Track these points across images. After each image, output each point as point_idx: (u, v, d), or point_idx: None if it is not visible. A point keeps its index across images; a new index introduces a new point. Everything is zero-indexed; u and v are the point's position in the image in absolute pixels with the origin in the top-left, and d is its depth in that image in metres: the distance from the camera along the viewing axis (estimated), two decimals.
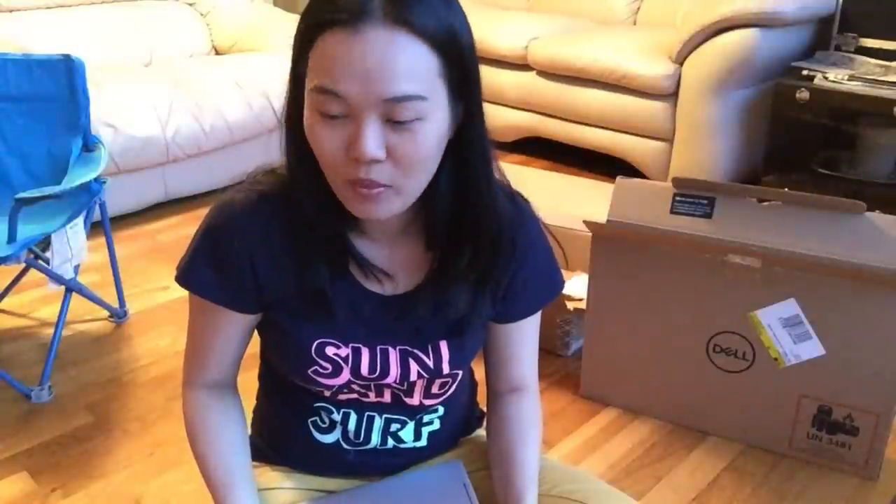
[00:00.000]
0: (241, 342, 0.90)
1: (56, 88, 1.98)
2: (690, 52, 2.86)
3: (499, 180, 0.85)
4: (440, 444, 0.97)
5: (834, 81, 2.73)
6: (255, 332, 0.91)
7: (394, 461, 0.95)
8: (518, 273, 0.89)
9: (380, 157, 0.71)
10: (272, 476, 0.95)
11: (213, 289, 0.85)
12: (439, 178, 0.78)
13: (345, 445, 0.91)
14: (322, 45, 0.70)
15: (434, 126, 0.73)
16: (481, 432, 1.04)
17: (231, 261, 0.83)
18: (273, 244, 0.83)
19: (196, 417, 0.90)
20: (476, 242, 0.83)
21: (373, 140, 0.70)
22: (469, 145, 0.79)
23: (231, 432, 0.90)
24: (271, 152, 0.88)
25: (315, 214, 0.80)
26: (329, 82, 0.69)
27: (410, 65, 0.69)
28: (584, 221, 1.69)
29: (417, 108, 0.70)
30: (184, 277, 0.86)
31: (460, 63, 0.74)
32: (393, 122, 0.70)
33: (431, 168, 0.76)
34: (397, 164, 0.72)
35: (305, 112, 0.74)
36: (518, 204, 0.90)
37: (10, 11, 3.07)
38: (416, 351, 0.86)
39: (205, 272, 0.84)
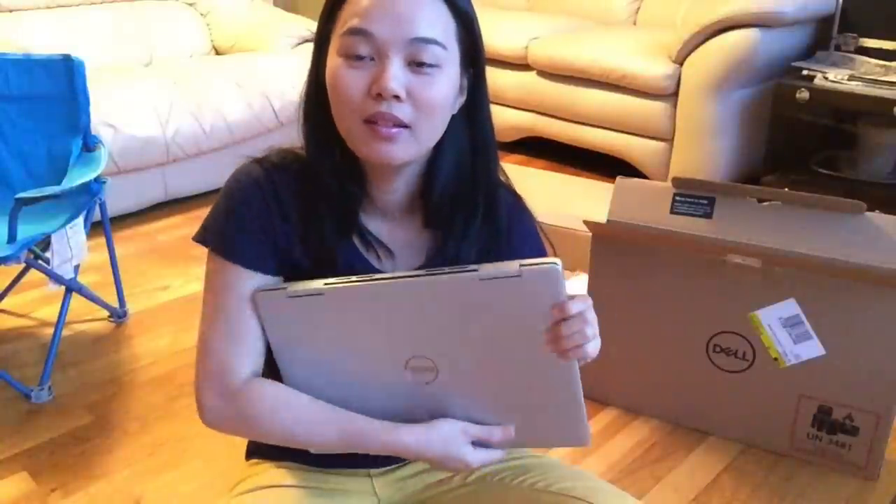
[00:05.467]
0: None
1: (56, 88, 1.98)
2: (690, 52, 2.86)
3: (502, 176, 0.92)
4: None
5: (834, 81, 2.73)
6: None
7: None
8: (511, 256, 0.91)
9: (401, 94, 0.78)
10: (274, 474, 0.95)
11: (249, 253, 0.84)
12: (447, 148, 0.86)
13: None
14: (354, 0, 0.79)
15: (448, 79, 0.81)
16: None
17: (257, 219, 0.85)
18: (285, 209, 0.86)
19: (274, 396, 0.85)
20: (475, 222, 0.88)
21: (396, 77, 0.78)
22: (477, 113, 0.87)
23: (309, 400, 0.87)
24: None
25: (328, 182, 0.85)
26: (362, 23, 0.78)
27: (435, 16, 0.79)
28: (584, 221, 1.69)
29: (437, 54, 0.79)
30: (223, 249, 0.84)
31: (472, 37, 0.84)
32: (414, 67, 0.79)
33: (442, 119, 0.83)
34: (416, 104, 0.79)
35: (330, 61, 0.81)
36: (517, 197, 0.96)
37: (10, 11, 3.07)
38: None
39: (238, 237, 0.84)
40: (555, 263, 0.75)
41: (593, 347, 0.81)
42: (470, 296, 0.77)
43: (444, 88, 0.80)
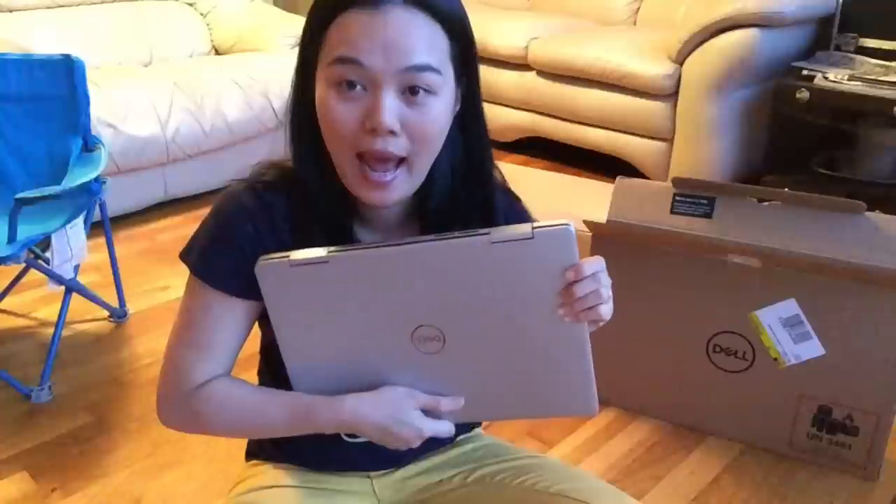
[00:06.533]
0: (245, 333, 0.89)
1: (56, 88, 1.98)
2: (690, 52, 2.86)
3: (497, 176, 0.90)
4: (438, 440, 0.97)
5: (834, 81, 2.73)
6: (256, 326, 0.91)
7: (392, 454, 0.95)
8: None
9: (396, 128, 0.75)
10: (272, 474, 0.95)
11: (231, 280, 0.83)
12: (442, 160, 0.83)
13: (346, 438, 0.91)
14: (342, 23, 0.75)
15: (444, 104, 0.78)
16: (480, 431, 1.05)
17: (244, 246, 0.83)
18: (279, 230, 0.84)
19: (220, 392, 0.86)
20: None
21: (390, 111, 0.75)
22: (472, 123, 0.85)
23: (259, 389, 0.89)
24: (271, 152, 0.90)
25: (320, 202, 0.83)
26: (352, 52, 0.74)
27: (427, 41, 0.75)
28: (584, 221, 1.69)
29: (432, 81, 0.76)
30: (204, 272, 0.84)
31: (466, 48, 0.80)
32: (408, 97, 0.76)
33: (438, 146, 0.81)
34: (411, 137, 0.77)
35: (319, 89, 0.78)
36: (513, 200, 0.95)
37: (10, 11, 3.08)
38: None
39: (221, 262, 0.84)
40: (567, 225, 0.74)
41: (607, 309, 0.80)
42: (481, 260, 0.76)
43: (440, 116, 0.78)
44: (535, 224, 0.74)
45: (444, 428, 0.85)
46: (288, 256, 0.79)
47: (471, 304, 0.78)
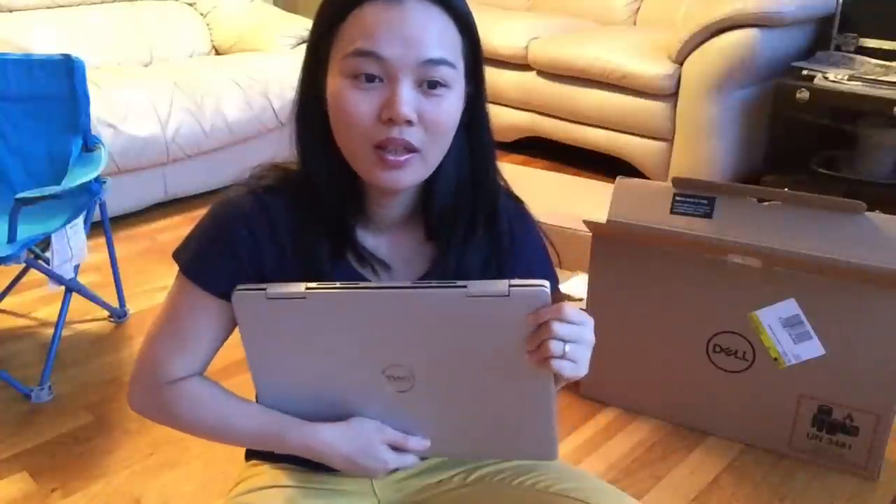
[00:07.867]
0: (226, 336, 0.89)
1: (56, 88, 1.98)
2: (690, 52, 2.87)
3: (501, 181, 0.91)
4: None
5: (834, 81, 2.73)
6: None
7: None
8: (515, 265, 0.91)
9: (413, 118, 0.76)
10: (272, 474, 0.94)
11: (220, 283, 0.83)
12: (446, 160, 0.84)
13: None
14: (359, 16, 0.76)
15: (456, 97, 0.80)
16: None
17: (238, 250, 0.83)
18: (278, 234, 0.84)
19: (196, 393, 0.88)
20: (477, 231, 0.87)
21: (408, 102, 0.76)
22: (477, 124, 0.86)
23: (235, 397, 0.89)
24: (271, 152, 0.90)
25: (325, 200, 0.83)
26: (370, 45, 0.75)
27: (444, 35, 0.77)
28: (584, 221, 1.69)
29: (447, 74, 0.78)
30: (194, 272, 0.84)
31: (475, 48, 0.82)
32: (424, 89, 0.77)
33: (450, 139, 0.82)
34: (427, 128, 0.78)
35: (333, 82, 0.78)
36: (516, 202, 0.95)
37: (10, 11, 3.07)
38: None
39: (213, 264, 0.84)
40: (543, 286, 0.75)
41: (560, 365, 0.76)
42: (455, 310, 0.77)
43: (453, 108, 0.80)
44: (513, 282, 0.76)
45: (409, 461, 0.88)
46: (265, 288, 0.80)
47: (442, 349, 0.80)
